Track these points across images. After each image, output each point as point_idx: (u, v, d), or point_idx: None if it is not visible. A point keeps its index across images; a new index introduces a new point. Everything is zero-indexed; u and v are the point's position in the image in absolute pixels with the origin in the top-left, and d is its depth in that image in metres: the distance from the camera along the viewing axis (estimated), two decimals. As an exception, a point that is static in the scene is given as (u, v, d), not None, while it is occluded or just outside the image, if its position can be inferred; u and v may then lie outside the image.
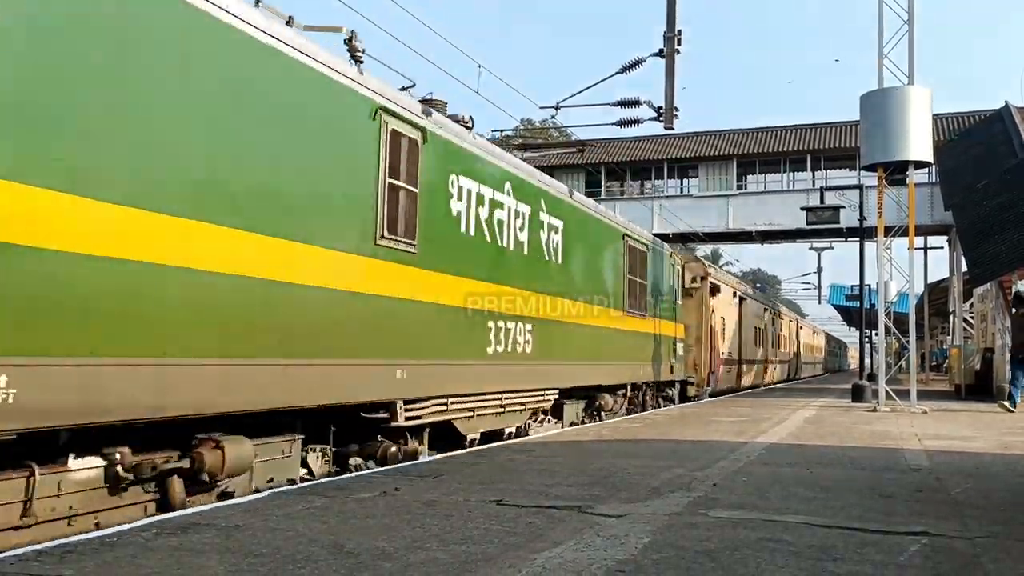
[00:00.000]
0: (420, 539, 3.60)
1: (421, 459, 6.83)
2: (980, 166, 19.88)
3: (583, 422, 11.40)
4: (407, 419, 6.80)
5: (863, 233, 22.21)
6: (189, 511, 4.26)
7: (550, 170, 24.23)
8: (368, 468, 6.52)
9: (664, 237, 22.82)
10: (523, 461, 6.45)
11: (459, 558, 3.27)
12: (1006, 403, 13.85)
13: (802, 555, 3.39)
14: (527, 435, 9.41)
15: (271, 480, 5.63)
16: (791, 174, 32.26)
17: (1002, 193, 17.54)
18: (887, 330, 15.41)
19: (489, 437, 8.57)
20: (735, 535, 3.76)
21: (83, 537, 3.58)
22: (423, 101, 7.57)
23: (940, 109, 27.43)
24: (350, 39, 6.51)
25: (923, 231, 28.38)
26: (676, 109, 13.41)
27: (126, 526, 3.82)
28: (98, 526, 4.39)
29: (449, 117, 7.98)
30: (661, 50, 13.26)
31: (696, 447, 7.73)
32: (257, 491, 5.21)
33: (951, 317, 28.95)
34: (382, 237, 6.34)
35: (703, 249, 47.63)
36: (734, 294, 22.39)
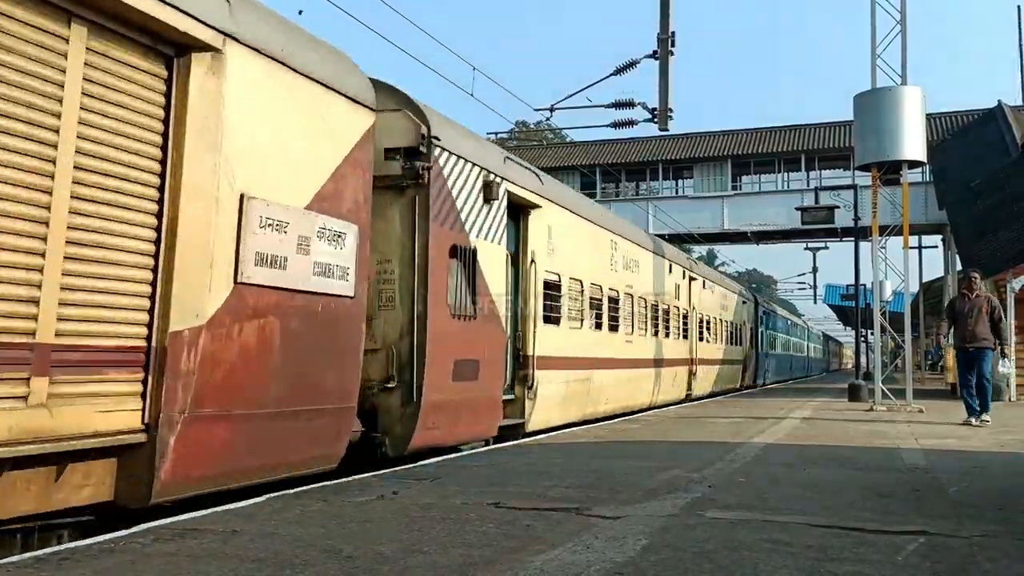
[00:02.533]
0: (418, 543, 3.60)
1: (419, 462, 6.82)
2: (974, 165, 19.96)
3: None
4: None
5: (858, 233, 22.27)
6: (187, 516, 4.25)
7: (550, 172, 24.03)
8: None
9: (660, 238, 22.69)
10: (520, 463, 6.45)
11: (457, 561, 3.27)
12: (974, 419, 10.59)
13: (800, 555, 3.39)
14: None
15: None
16: (785, 174, 32.35)
17: (996, 191, 17.63)
18: (883, 329, 15.43)
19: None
20: (733, 536, 3.76)
21: (81, 544, 3.58)
22: None
23: (934, 109, 27.54)
24: None
25: (918, 230, 28.45)
26: (670, 111, 13.45)
27: (123, 532, 3.81)
28: None
29: None
30: (655, 52, 13.29)
31: (693, 448, 7.74)
32: None
33: (946, 316, 28.95)
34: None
35: (699, 250, 47.71)
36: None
